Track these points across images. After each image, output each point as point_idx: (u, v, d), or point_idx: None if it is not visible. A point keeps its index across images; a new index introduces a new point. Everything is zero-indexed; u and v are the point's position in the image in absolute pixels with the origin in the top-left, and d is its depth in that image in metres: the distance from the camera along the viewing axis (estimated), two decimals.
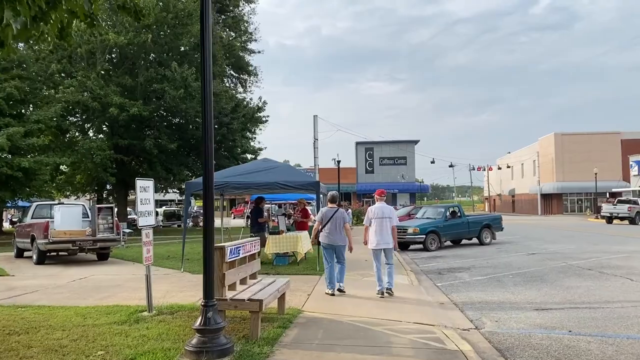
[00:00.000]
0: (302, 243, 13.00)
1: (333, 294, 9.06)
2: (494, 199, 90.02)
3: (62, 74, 26.20)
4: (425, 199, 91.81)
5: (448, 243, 20.40)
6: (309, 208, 17.11)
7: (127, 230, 22.36)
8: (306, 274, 11.63)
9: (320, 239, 9.34)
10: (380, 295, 9.03)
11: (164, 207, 58.87)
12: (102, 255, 16.01)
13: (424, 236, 18.96)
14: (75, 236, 14.79)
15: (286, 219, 16.17)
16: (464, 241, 21.34)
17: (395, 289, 9.54)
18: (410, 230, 19.08)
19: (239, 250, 6.19)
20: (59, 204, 16.45)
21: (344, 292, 9.29)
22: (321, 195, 15.68)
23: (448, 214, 20.21)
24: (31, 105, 25.22)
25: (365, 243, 9.52)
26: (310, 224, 15.41)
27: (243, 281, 6.74)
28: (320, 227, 9.26)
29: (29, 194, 24.16)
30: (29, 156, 23.72)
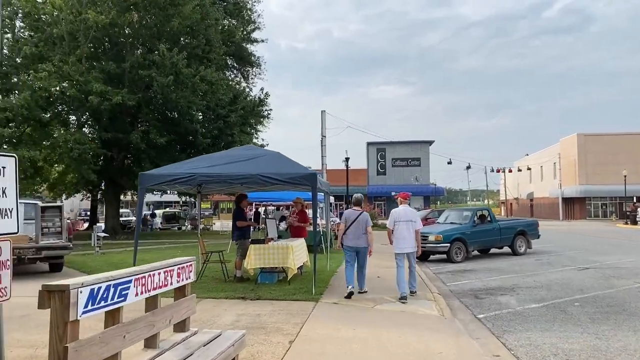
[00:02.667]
0: (295, 255, 9.87)
1: (351, 293, 8.81)
2: (511, 203, 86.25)
3: (38, 59, 23.30)
4: (438, 202, 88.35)
5: (475, 253, 17.17)
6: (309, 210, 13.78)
7: (102, 235, 19.42)
8: (297, 300, 8.49)
9: (342, 241, 9.17)
10: (403, 302, 8.64)
11: (167, 208, 56.42)
12: (55, 266, 13.05)
13: (448, 245, 15.76)
14: (13, 243, 11.77)
15: (279, 223, 13.08)
16: (492, 250, 18.11)
17: (422, 326, 6.52)
18: (431, 238, 15.89)
19: (124, 288, 3.07)
20: None
21: (366, 292, 9.28)
22: (323, 195, 12.63)
23: (476, 218, 16.98)
24: None
25: (392, 243, 9.35)
26: (309, 229, 12.31)
27: (150, 342, 3.60)
28: (344, 229, 9.09)
29: None
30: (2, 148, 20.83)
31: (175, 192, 39.31)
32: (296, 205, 12.48)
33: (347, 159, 29.86)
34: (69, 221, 13.13)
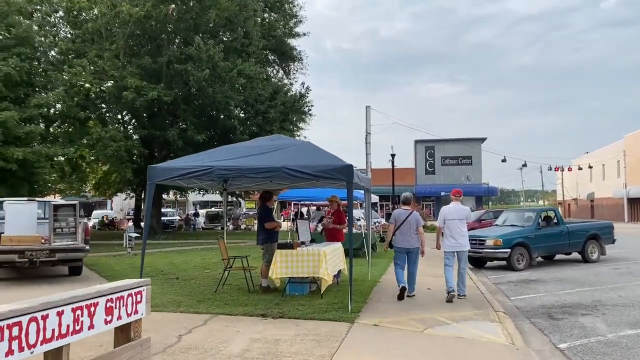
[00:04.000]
0: (329, 263, 8.33)
1: (404, 289, 8.53)
2: (569, 204, 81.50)
3: (75, 55, 22.76)
4: (490, 203, 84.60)
5: (538, 259, 15.12)
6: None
7: (134, 235, 18.51)
8: (328, 319, 6.93)
9: (392, 242, 8.88)
10: (451, 297, 8.50)
11: (213, 208, 56.09)
12: (74, 269, 12.06)
13: (508, 250, 13.81)
14: (25, 244, 10.81)
15: (315, 224, 11.61)
16: (557, 257, 16.00)
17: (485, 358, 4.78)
18: (489, 242, 14.00)
19: None
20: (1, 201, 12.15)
21: (414, 295, 8.84)
22: (363, 192, 11.07)
23: (540, 220, 14.92)
24: (37, 89, 21.85)
25: (439, 248, 9.14)
26: (345, 230, 10.77)
27: None
28: (394, 230, 8.78)
29: (32, 191, 20.75)
30: (33, 146, 20.37)
31: (218, 192, 38.56)
32: (331, 205, 10.92)
33: (392, 156, 27.95)
34: (84, 221, 12.05)
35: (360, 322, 6.85)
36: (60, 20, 25.51)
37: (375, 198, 25.11)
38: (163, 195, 42.99)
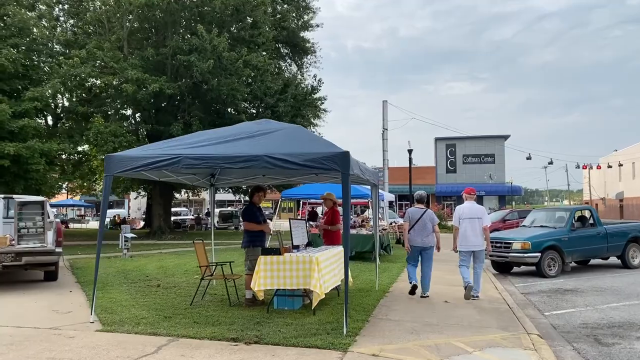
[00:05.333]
0: (323, 272, 6.87)
1: (415, 287, 8.53)
2: (596, 204, 78.49)
3: (75, 47, 21.68)
4: (512, 203, 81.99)
5: (572, 264, 13.42)
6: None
7: (130, 235, 17.29)
8: (314, 346, 5.44)
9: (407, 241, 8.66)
10: (467, 298, 8.34)
11: (229, 207, 55.04)
12: (49, 274, 10.82)
13: (538, 255, 12.17)
14: None
15: (309, 226, 10.21)
16: (592, 261, 14.28)
17: None
18: (516, 245, 12.36)
19: None
20: None
21: (428, 296, 8.49)
22: (369, 188, 9.66)
23: (574, 220, 13.22)
24: (32, 81, 20.81)
25: (456, 250, 8.83)
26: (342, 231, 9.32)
27: None
28: (409, 228, 8.60)
29: (28, 188, 19.66)
30: (30, 142, 19.32)
31: (229, 190, 37.26)
32: (325, 203, 9.48)
33: (409, 151, 26.18)
34: (56, 220, 10.78)
35: (356, 350, 5.36)
36: (62, 12, 24.56)
37: (390, 197, 23.53)
38: (175, 195, 42.19)
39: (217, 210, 51.53)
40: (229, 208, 51.78)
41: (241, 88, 22.92)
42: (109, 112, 24.29)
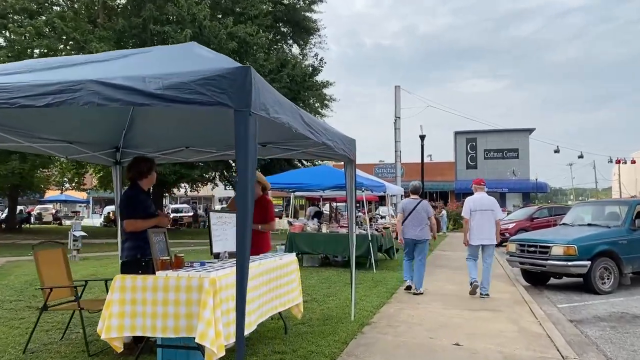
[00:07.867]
0: (228, 304, 3.76)
1: (410, 287, 8.30)
2: None
3: (27, 14, 18.95)
4: (536, 201, 77.74)
5: (630, 274, 10.09)
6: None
7: (80, 234, 14.43)
8: None
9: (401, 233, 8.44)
10: (473, 294, 8.00)
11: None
12: None
13: (587, 263, 8.91)
14: None
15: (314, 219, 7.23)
16: None
17: None
18: (557, 250, 9.10)
19: None
20: None
21: (422, 293, 8.14)
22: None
23: (633, 217, 9.89)
24: None
25: (467, 244, 8.32)
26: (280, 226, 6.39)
27: None
28: (401, 220, 8.35)
29: None
30: None
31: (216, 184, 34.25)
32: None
33: (422, 137, 22.76)
34: None
35: None
36: None
37: (401, 190, 20.24)
38: (174, 191, 39.46)
39: (218, 207, 48.96)
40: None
41: None
42: None
